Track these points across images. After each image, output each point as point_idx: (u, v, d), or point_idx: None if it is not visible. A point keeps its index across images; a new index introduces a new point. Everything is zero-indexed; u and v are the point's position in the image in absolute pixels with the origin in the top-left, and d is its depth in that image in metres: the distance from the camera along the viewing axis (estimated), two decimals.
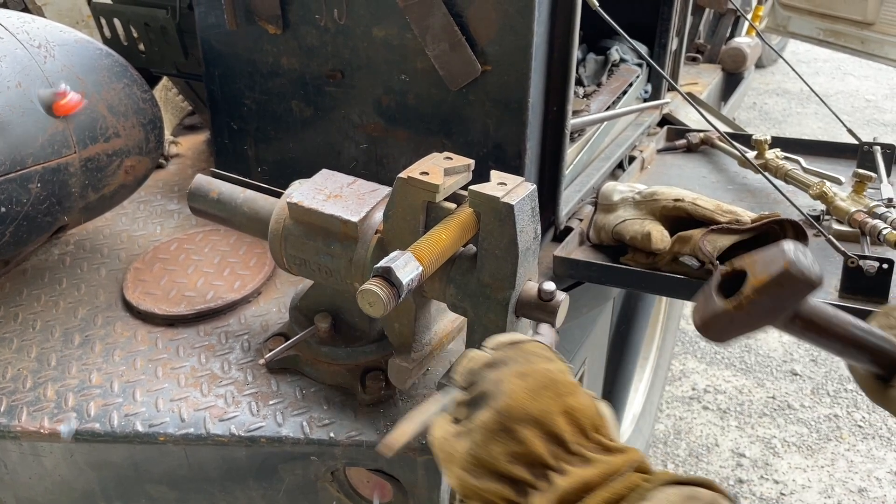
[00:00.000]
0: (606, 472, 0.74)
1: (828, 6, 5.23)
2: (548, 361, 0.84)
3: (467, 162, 1.19)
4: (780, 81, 8.01)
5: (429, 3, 1.49)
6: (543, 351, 0.87)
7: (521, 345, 0.87)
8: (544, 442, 0.76)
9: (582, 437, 0.78)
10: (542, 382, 0.80)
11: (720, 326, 0.77)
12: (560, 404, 0.78)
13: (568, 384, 0.81)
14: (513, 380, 0.80)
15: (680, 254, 1.57)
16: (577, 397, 0.80)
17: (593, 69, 2.38)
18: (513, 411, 0.77)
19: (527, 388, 0.79)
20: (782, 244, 0.72)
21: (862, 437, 3.62)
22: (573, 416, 0.78)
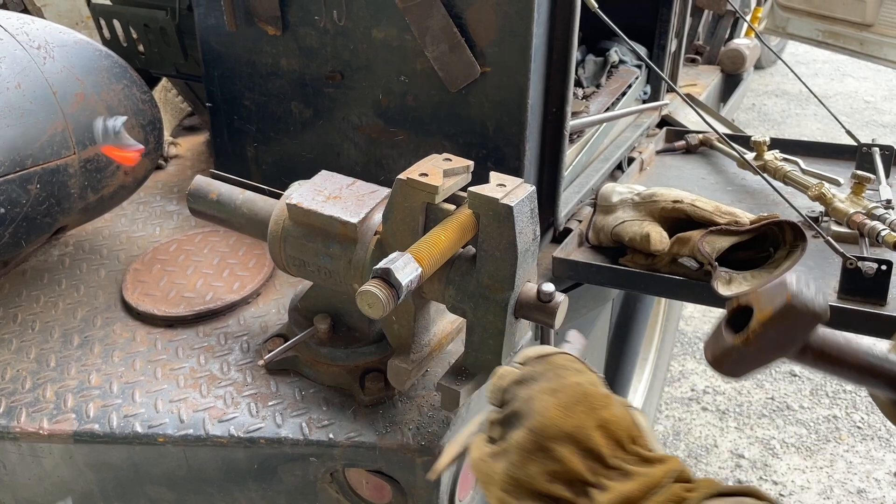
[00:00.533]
0: (647, 486, 0.72)
1: (826, 8, 5.24)
2: (578, 374, 0.83)
3: (466, 163, 1.19)
4: (779, 83, 8.01)
5: (428, 4, 1.49)
6: (572, 363, 0.85)
7: (550, 358, 0.85)
8: (581, 458, 0.74)
9: (619, 449, 0.76)
10: (574, 397, 0.78)
11: (732, 362, 0.77)
12: (594, 418, 0.77)
13: (600, 397, 0.79)
14: (544, 397, 0.79)
15: (679, 255, 1.57)
16: (611, 409, 0.78)
17: (592, 70, 2.38)
18: (547, 430, 0.76)
19: (559, 405, 0.77)
20: (785, 277, 0.73)
21: (861, 438, 3.62)
22: (608, 429, 0.76)
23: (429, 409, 1.30)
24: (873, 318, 1.47)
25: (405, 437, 1.24)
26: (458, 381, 1.18)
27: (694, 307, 4.42)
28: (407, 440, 1.24)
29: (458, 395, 1.16)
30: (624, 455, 0.76)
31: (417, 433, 1.25)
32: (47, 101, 1.48)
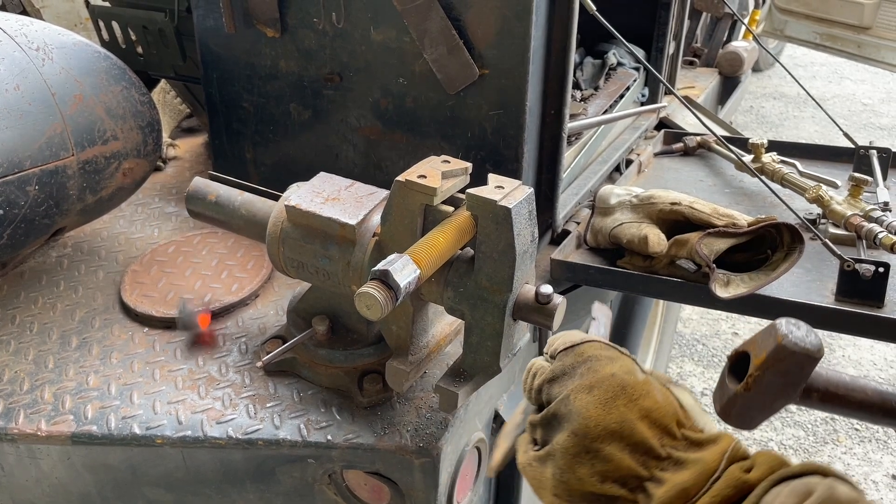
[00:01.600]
0: (703, 472, 0.70)
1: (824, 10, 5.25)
2: (611, 363, 0.79)
3: (465, 165, 1.20)
4: (776, 85, 8.03)
5: (427, 6, 1.49)
6: (603, 350, 0.82)
7: (579, 349, 0.82)
8: (630, 453, 0.72)
9: (667, 437, 0.73)
10: (612, 391, 0.75)
11: (738, 411, 0.78)
12: (636, 410, 0.74)
13: (639, 385, 0.76)
14: (581, 396, 0.76)
15: (677, 257, 1.58)
16: (652, 396, 0.75)
17: (591, 73, 2.38)
18: (590, 430, 0.73)
19: (598, 402, 0.75)
20: (775, 322, 0.74)
21: (858, 440, 3.62)
22: (653, 417, 0.74)
23: (427, 410, 1.30)
24: (871, 321, 1.48)
25: (403, 439, 1.24)
26: (456, 382, 1.18)
27: (692, 309, 4.42)
28: (405, 442, 1.24)
29: (456, 397, 1.16)
30: (673, 442, 0.73)
31: (415, 435, 1.25)
32: (46, 103, 1.48)
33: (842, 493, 0.64)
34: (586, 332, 0.98)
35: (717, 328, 4.37)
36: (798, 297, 1.53)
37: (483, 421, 1.49)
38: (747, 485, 0.68)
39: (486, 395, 1.45)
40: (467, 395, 1.19)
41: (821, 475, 0.67)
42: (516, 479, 1.70)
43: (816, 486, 0.65)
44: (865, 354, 4.20)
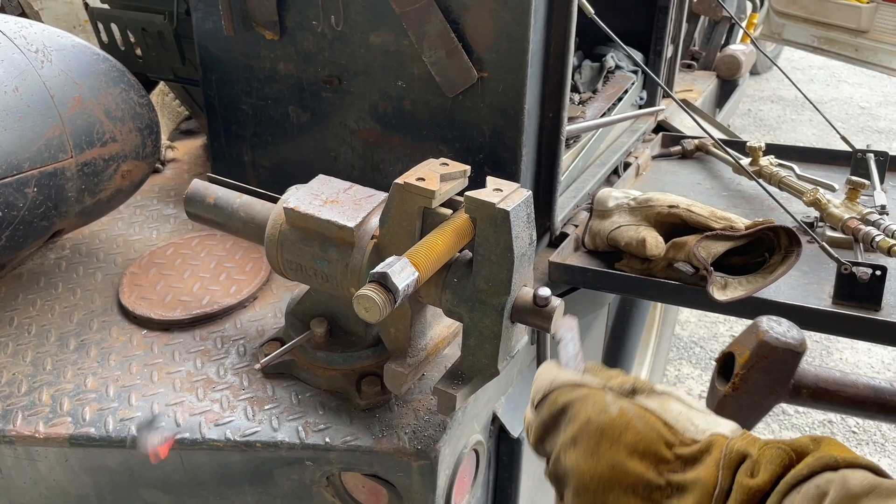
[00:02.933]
0: (705, 493, 0.69)
1: (822, 14, 5.27)
2: (583, 404, 0.79)
3: (463, 168, 1.20)
4: (774, 88, 8.04)
5: (426, 9, 1.49)
6: (573, 392, 0.81)
7: (551, 399, 0.82)
8: (633, 494, 0.73)
9: (662, 463, 0.74)
10: (594, 438, 0.76)
11: (729, 412, 0.78)
12: (622, 449, 0.74)
13: (615, 422, 0.76)
14: (569, 453, 0.77)
15: (674, 260, 1.58)
16: (632, 428, 0.76)
17: (589, 76, 2.39)
18: (588, 485, 0.74)
19: (585, 454, 0.75)
20: (756, 320, 0.75)
21: (856, 442, 3.63)
22: (640, 450, 0.74)
23: (425, 412, 1.30)
24: (868, 324, 1.48)
25: (401, 441, 1.24)
26: (454, 385, 1.18)
27: (690, 312, 4.43)
28: (403, 444, 1.24)
29: (454, 399, 1.16)
30: (669, 466, 0.74)
31: (414, 437, 1.25)
32: (45, 105, 1.48)
33: (855, 486, 0.63)
34: (558, 356, 0.99)
35: (715, 331, 4.37)
36: (795, 299, 1.54)
37: (481, 423, 1.49)
38: (757, 492, 0.68)
39: (484, 397, 1.45)
40: (465, 398, 1.19)
41: (831, 469, 0.66)
42: (514, 482, 1.70)
43: (829, 486, 0.64)
44: (863, 357, 4.21)
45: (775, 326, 0.75)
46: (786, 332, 0.74)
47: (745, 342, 0.76)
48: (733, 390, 0.76)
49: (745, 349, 0.75)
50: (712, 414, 0.79)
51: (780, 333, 0.74)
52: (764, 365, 0.75)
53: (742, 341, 0.77)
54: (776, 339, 0.74)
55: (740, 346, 0.77)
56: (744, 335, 0.77)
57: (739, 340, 0.77)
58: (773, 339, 0.74)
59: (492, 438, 1.60)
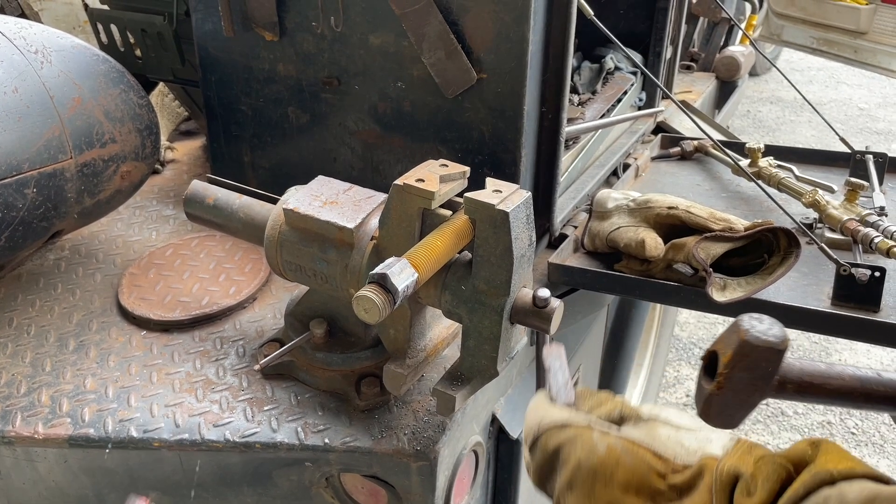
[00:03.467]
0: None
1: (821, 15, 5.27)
2: (573, 446, 0.81)
3: (463, 169, 1.20)
4: (773, 90, 8.05)
5: (425, 11, 1.50)
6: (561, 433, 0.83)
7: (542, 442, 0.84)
8: None
9: (658, 496, 0.75)
10: (587, 481, 0.78)
11: (717, 411, 0.78)
12: (616, 487, 0.76)
13: (605, 461, 0.78)
14: (568, 498, 0.79)
15: (674, 261, 1.58)
16: (623, 464, 0.77)
17: (588, 77, 2.39)
18: None
19: (582, 498, 0.77)
20: (738, 318, 0.75)
21: (855, 444, 3.63)
22: (634, 485, 0.75)
23: (424, 414, 1.30)
24: (867, 325, 1.48)
25: (401, 442, 1.24)
26: (453, 386, 1.18)
27: (689, 313, 4.43)
28: (402, 445, 1.24)
29: (453, 400, 1.16)
30: (664, 497, 0.75)
31: (413, 438, 1.25)
32: (44, 106, 1.48)
33: (854, 500, 0.64)
34: (547, 386, 1.00)
35: (714, 332, 4.37)
36: (794, 301, 1.54)
37: (480, 424, 1.49)
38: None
39: (483, 398, 1.45)
40: (465, 399, 1.19)
41: (828, 484, 0.66)
42: (513, 483, 1.70)
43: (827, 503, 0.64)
44: (862, 359, 4.21)
45: (756, 325, 0.75)
46: (767, 331, 0.74)
47: (727, 341, 0.76)
48: (718, 389, 0.76)
49: (727, 348, 0.76)
50: (702, 428, 0.79)
51: (762, 332, 0.74)
52: (746, 363, 0.75)
53: (725, 340, 0.77)
54: (757, 339, 0.74)
55: (723, 344, 0.77)
56: (726, 334, 0.77)
57: (722, 339, 0.77)
58: (754, 338, 0.74)
59: (491, 439, 1.60)
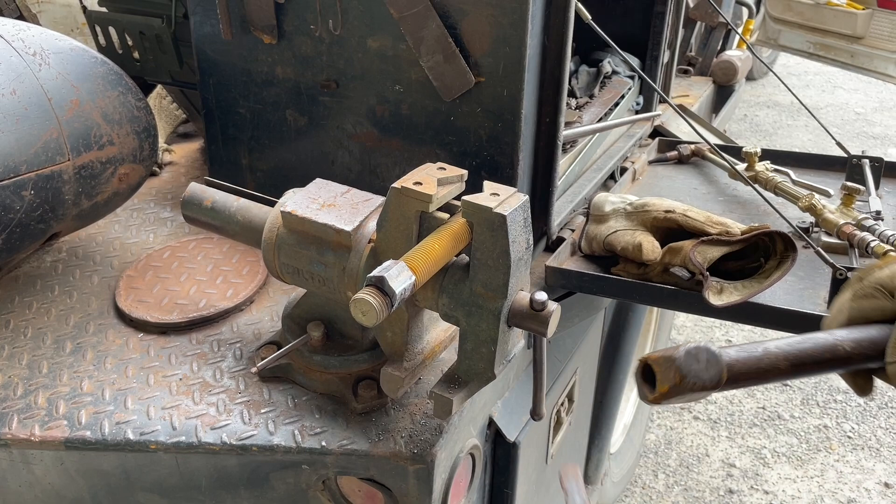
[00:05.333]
0: None
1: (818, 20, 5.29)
2: None
3: (460, 172, 1.20)
4: (770, 94, 8.07)
5: (423, 14, 1.50)
6: None
7: None
8: None
9: None
10: None
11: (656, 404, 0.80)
12: None
13: None
14: None
15: (671, 265, 1.59)
16: None
17: (586, 81, 2.39)
18: None
19: None
20: (675, 354, 0.75)
21: (851, 447, 3.63)
22: None
23: (421, 416, 1.30)
24: None
25: (397, 445, 1.24)
26: (450, 389, 1.18)
27: (686, 316, 4.43)
28: (399, 448, 1.24)
29: (450, 403, 1.16)
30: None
31: (410, 441, 1.25)
32: (42, 108, 1.48)
33: None
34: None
35: (711, 336, 4.38)
36: (791, 304, 1.54)
37: (477, 427, 1.49)
38: None
39: (480, 401, 1.45)
40: (462, 402, 1.19)
41: None
42: (510, 486, 1.70)
43: None
44: None
45: (693, 366, 0.74)
46: (702, 373, 0.74)
47: (664, 371, 0.76)
48: (654, 402, 0.78)
49: (664, 381, 0.75)
50: None
51: (697, 376, 0.74)
52: (682, 396, 0.76)
53: (662, 368, 0.76)
54: (693, 384, 0.74)
55: (661, 371, 0.76)
56: (664, 362, 0.76)
57: (660, 364, 0.76)
58: (691, 383, 0.74)
59: (488, 442, 1.60)
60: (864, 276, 0.87)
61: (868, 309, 0.86)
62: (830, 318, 0.90)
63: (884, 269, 0.85)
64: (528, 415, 1.30)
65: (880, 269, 0.85)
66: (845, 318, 0.87)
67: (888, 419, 3.81)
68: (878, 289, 0.85)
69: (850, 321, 0.86)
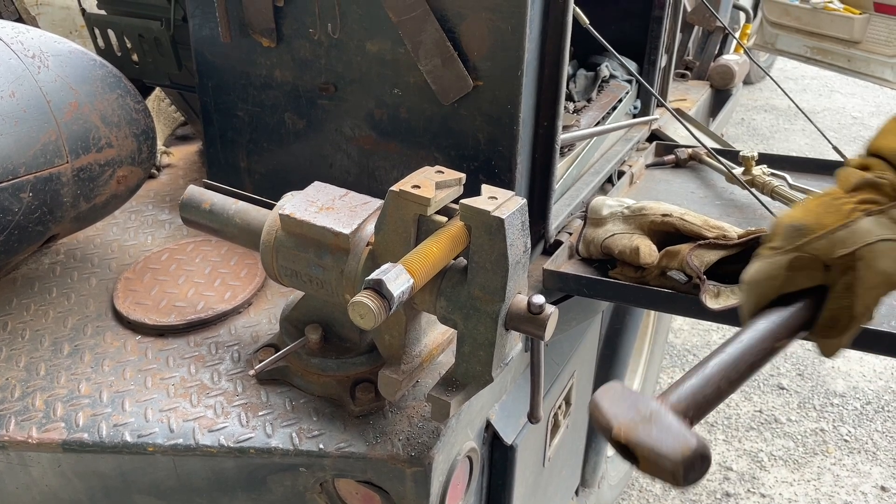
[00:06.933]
0: None
1: (815, 25, 5.31)
2: None
3: (458, 176, 1.21)
4: (767, 98, 8.09)
5: (422, 18, 1.50)
6: None
7: None
8: None
9: None
10: None
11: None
12: None
13: None
14: None
15: (668, 268, 1.59)
16: None
17: (583, 85, 2.40)
18: None
19: None
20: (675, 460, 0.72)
21: (848, 451, 3.64)
22: None
23: (419, 419, 1.30)
24: (859, 333, 1.49)
25: (395, 448, 1.24)
26: (448, 391, 1.18)
27: (683, 320, 4.44)
28: (397, 451, 1.24)
29: (448, 406, 1.17)
30: None
31: (407, 444, 1.25)
32: (41, 110, 1.48)
33: None
34: None
35: (708, 339, 4.39)
36: None
37: (475, 430, 1.49)
38: None
39: (477, 404, 1.45)
40: (459, 405, 1.19)
41: None
42: (507, 489, 1.70)
43: None
44: (855, 366, 4.23)
45: (688, 475, 0.73)
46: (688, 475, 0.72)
47: (652, 465, 0.73)
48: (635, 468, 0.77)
49: (647, 468, 0.74)
50: None
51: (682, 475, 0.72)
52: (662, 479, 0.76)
53: (650, 459, 0.73)
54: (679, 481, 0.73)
55: (644, 454, 0.73)
56: (656, 455, 0.72)
57: (648, 456, 0.72)
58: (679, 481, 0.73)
59: (485, 445, 1.61)
60: (796, 243, 0.88)
61: (801, 281, 0.89)
62: (760, 286, 0.91)
63: (821, 238, 0.87)
64: (525, 418, 1.30)
65: (817, 237, 0.87)
66: (777, 289, 0.89)
67: (884, 423, 3.82)
68: (815, 260, 0.87)
69: (781, 290, 0.89)
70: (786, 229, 0.89)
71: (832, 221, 0.87)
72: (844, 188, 0.91)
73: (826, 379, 4.12)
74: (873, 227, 0.86)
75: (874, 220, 0.87)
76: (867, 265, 0.86)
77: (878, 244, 0.86)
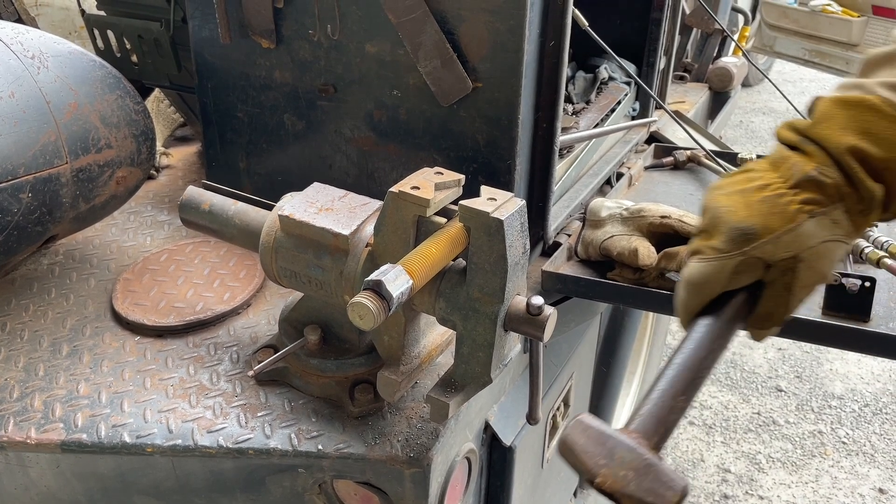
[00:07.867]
0: None
1: (813, 27, 5.32)
2: None
3: (458, 177, 1.21)
4: (766, 100, 8.10)
5: (421, 20, 1.51)
6: None
7: None
8: None
9: None
10: None
11: None
12: None
13: None
14: None
15: (666, 270, 1.59)
16: None
17: (582, 87, 2.40)
18: None
19: None
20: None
21: (846, 453, 3.64)
22: None
23: (418, 420, 1.30)
24: (857, 335, 1.49)
25: (394, 449, 1.25)
26: (447, 393, 1.19)
27: None
28: (396, 452, 1.24)
29: (447, 407, 1.17)
30: None
31: (406, 445, 1.25)
32: (40, 111, 1.49)
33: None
34: None
35: None
36: None
37: (473, 431, 1.49)
38: None
39: (476, 405, 1.45)
40: (458, 406, 1.19)
41: None
42: (505, 490, 1.70)
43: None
44: (853, 368, 4.23)
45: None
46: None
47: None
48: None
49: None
50: None
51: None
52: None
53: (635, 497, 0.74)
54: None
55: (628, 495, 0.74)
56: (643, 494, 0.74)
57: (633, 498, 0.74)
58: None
59: (484, 446, 1.61)
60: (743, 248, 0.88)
61: (744, 280, 0.90)
62: (705, 286, 0.92)
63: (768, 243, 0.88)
64: (524, 419, 1.30)
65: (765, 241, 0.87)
66: (720, 290, 0.91)
67: (882, 425, 3.83)
68: (760, 261, 0.88)
69: (724, 290, 0.91)
70: (732, 232, 0.89)
71: (778, 225, 0.87)
72: (785, 179, 0.90)
73: (824, 381, 4.12)
74: (816, 229, 0.87)
75: (817, 221, 0.87)
76: (807, 266, 0.88)
77: (818, 246, 0.87)
